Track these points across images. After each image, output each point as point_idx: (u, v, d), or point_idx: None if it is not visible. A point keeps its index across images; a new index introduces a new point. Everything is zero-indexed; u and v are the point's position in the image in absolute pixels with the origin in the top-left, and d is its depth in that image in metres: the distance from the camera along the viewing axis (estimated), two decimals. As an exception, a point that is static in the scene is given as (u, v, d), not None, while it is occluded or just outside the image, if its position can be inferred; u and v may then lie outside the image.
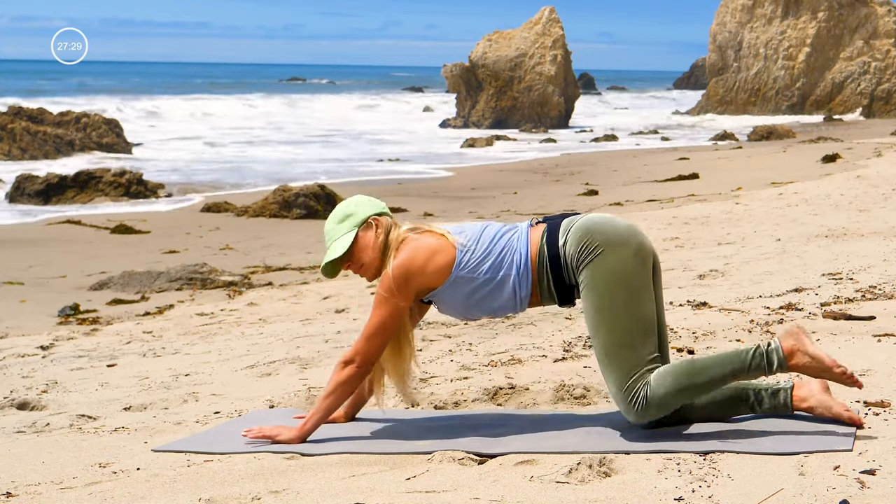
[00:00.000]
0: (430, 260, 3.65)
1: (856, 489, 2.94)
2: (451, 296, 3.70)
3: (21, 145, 27.90)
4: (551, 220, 3.74)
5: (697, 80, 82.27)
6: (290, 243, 13.63)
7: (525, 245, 3.68)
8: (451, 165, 27.12)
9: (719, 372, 3.53)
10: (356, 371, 3.72)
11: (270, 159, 29.28)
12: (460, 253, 3.66)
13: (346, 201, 3.86)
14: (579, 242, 3.60)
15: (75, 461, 3.77)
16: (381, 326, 3.68)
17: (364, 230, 3.75)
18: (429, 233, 3.72)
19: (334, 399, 3.75)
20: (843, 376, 3.47)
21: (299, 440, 3.76)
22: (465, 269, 3.66)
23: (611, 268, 3.56)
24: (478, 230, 3.73)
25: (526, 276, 3.66)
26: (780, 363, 3.50)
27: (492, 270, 3.66)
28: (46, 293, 10.38)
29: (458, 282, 3.67)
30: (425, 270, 3.65)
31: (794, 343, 3.50)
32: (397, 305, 3.66)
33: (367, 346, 3.70)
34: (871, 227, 10.54)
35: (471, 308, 3.72)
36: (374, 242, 3.73)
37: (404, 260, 3.65)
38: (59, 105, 37.96)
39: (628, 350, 3.54)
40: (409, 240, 3.70)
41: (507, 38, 48.26)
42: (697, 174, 20.19)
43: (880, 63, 51.48)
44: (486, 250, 3.67)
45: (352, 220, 3.76)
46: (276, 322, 7.97)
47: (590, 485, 3.17)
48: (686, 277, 8.05)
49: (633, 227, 3.69)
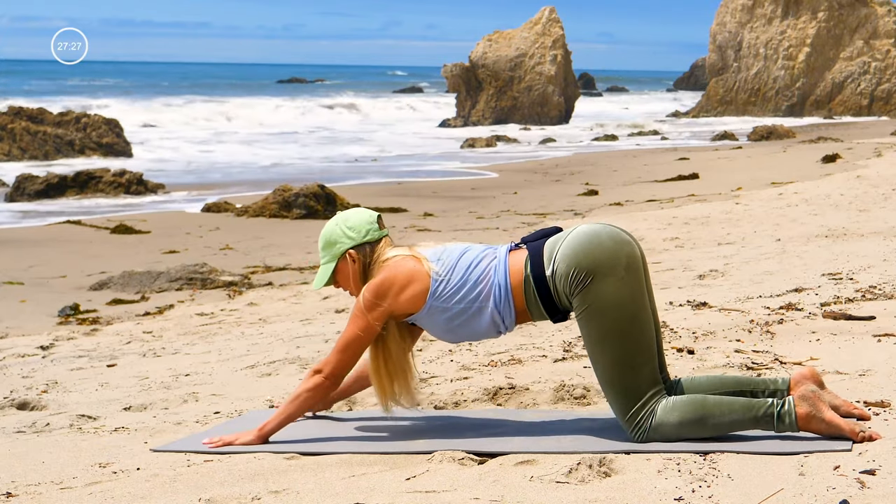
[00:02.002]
0: (405, 288, 3.70)
1: (856, 489, 2.94)
2: (430, 322, 3.76)
3: (21, 145, 27.89)
4: (532, 244, 3.71)
5: (697, 80, 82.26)
6: (290, 243, 13.62)
7: (504, 274, 3.68)
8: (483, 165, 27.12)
9: (727, 419, 3.50)
10: (323, 381, 3.77)
11: (283, 161, 29.28)
12: (434, 283, 3.70)
13: (336, 221, 3.89)
14: (568, 273, 3.57)
15: (75, 461, 3.77)
16: (354, 340, 3.73)
17: (342, 262, 3.83)
18: (411, 258, 3.75)
19: (298, 405, 3.79)
20: (863, 437, 3.40)
21: (259, 441, 3.78)
22: (439, 300, 3.70)
23: (605, 296, 3.54)
24: (455, 257, 3.75)
25: (507, 305, 3.67)
26: (790, 425, 3.47)
27: (466, 301, 3.69)
28: (46, 293, 10.38)
29: (433, 310, 3.72)
30: (399, 298, 3.71)
31: (810, 409, 3.45)
32: (369, 323, 3.72)
33: (337, 357, 3.75)
34: (871, 227, 10.54)
35: (452, 333, 3.77)
36: (352, 272, 3.82)
37: (378, 284, 3.72)
38: (58, 105, 37.95)
39: (630, 375, 3.53)
40: (388, 265, 3.75)
41: (507, 38, 48.28)
42: (697, 174, 20.19)
43: (880, 63, 51.49)
44: (461, 280, 3.69)
45: (333, 250, 3.84)
46: (276, 322, 7.97)
47: (590, 485, 3.17)
48: (686, 277, 8.05)
49: (617, 236, 3.63)
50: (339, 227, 3.86)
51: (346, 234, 3.84)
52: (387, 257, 3.79)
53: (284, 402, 3.84)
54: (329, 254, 3.86)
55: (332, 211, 16.44)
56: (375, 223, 3.85)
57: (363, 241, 3.82)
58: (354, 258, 3.82)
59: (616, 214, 14.51)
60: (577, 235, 3.64)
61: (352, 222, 3.85)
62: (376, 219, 3.87)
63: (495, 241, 12.37)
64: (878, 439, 3.39)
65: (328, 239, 3.87)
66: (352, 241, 3.83)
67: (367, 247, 3.83)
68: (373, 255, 3.81)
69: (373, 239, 3.83)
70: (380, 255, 3.81)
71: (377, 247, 3.83)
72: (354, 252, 3.82)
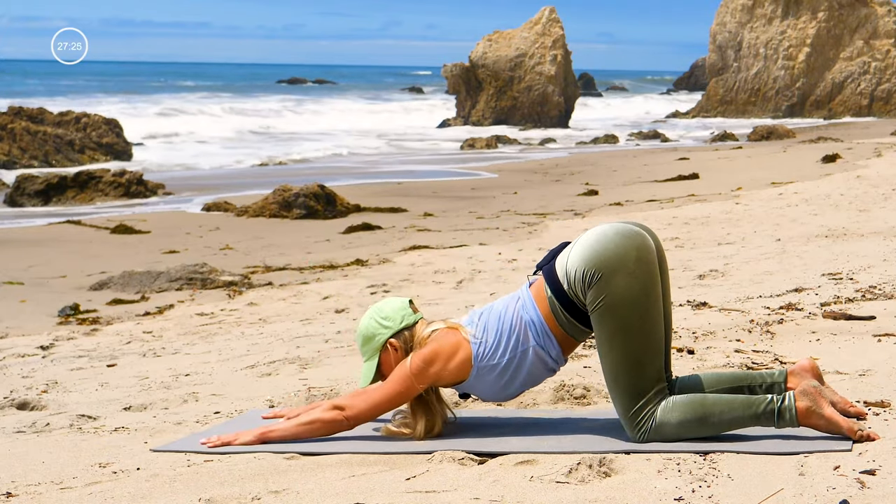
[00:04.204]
0: (452, 356, 3.73)
1: (856, 489, 2.94)
2: (482, 386, 3.77)
3: (21, 145, 27.89)
4: (546, 267, 3.72)
5: (697, 80, 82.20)
6: (290, 243, 13.62)
7: (532, 308, 3.70)
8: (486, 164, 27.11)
9: (727, 417, 3.50)
10: (342, 421, 3.78)
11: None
12: (475, 346, 3.72)
13: (370, 315, 3.88)
14: (580, 276, 3.58)
15: (75, 461, 3.76)
16: (393, 397, 3.74)
17: (385, 353, 3.84)
18: (451, 329, 3.78)
19: (309, 430, 3.79)
20: (861, 435, 3.40)
21: (258, 442, 3.78)
22: (483, 360, 3.71)
23: (616, 292, 3.54)
24: (484, 316, 3.77)
25: (546, 337, 3.68)
26: (791, 421, 3.47)
27: (509, 351, 3.70)
28: (46, 293, 10.38)
29: (481, 372, 3.73)
30: (447, 366, 3.73)
31: (810, 405, 3.45)
32: (414, 385, 3.73)
33: (367, 406, 3.76)
34: (871, 227, 10.54)
35: (506, 388, 3.77)
36: (395, 360, 3.82)
37: (427, 352, 3.73)
38: (57, 105, 37.94)
39: (636, 372, 3.54)
40: (433, 338, 3.78)
41: (507, 38, 48.28)
42: (697, 174, 20.19)
43: (880, 63, 51.49)
44: (498, 333, 3.71)
45: (373, 343, 3.84)
46: (276, 322, 7.97)
47: (590, 485, 3.17)
48: (686, 277, 8.06)
49: (625, 230, 3.63)
50: (373, 321, 3.86)
51: (382, 325, 3.84)
52: (427, 333, 3.80)
53: (296, 421, 3.82)
54: (370, 349, 3.85)
55: (333, 211, 16.45)
56: (408, 308, 3.87)
57: (401, 328, 3.83)
58: (396, 346, 3.82)
59: (616, 214, 14.51)
60: (585, 239, 3.66)
61: (385, 312, 3.86)
62: (408, 303, 3.89)
63: (495, 240, 12.37)
64: (878, 439, 3.39)
65: (366, 335, 3.86)
66: (389, 330, 3.83)
67: (406, 332, 3.83)
68: (412, 338, 3.82)
69: (409, 324, 3.84)
70: (419, 334, 3.81)
71: (414, 329, 3.84)
72: (395, 341, 3.82)
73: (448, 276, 9.73)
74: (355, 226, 14.79)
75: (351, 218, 15.87)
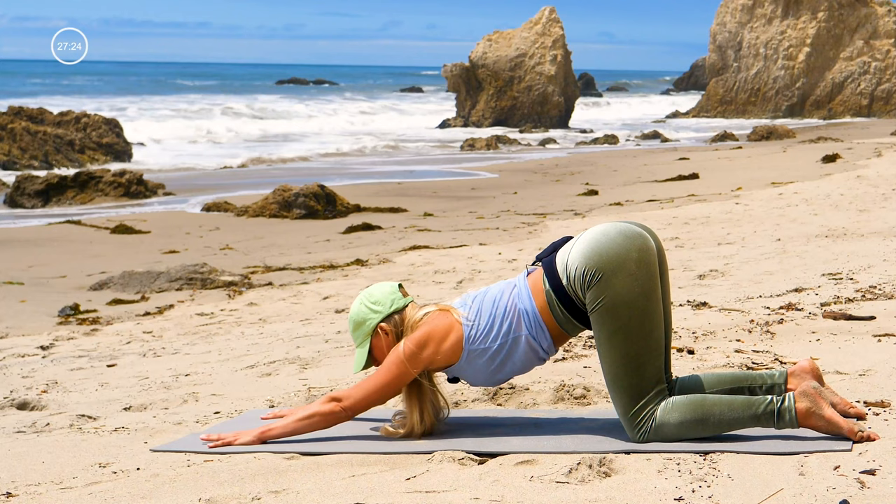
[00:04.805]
0: (444, 338, 3.72)
1: (856, 489, 2.94)
2: (472, 369, 3.76)
3: (21, 145, 27.89)
4: (546, 259, 3.72)
5: (697, 80, 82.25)
6: (290, 243, 13.63)
7: (528, 298, 3.69)
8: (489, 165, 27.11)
9: (727, 418, 3.50)
10: (340, 412, 3.77)
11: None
12: (467, 328, 3.72)
13: (359, 301, 3.89)
14: (581, 274, 3.57)
15: (75, 461, 3.76)
16: (388, 384, 3.74)
17: (376, 338, 3.84)
18: (443, 311, 3.77)
19: (307, 424, 3.79)
20: (861, 436, 3.40)
21: (258, 442, 3.78)
22: (474, 343, 3.71)
23: (616, 292, 3.53)
24: (479, 299, 3.77)
25: (539, 328, 3.68)
26: (791, 422, 3.47)
27: (501, 336, 3.70)
28: (46, 293, 10.38)
29: (472, 356, 3.73)
30: (440, 348, 3.72)
31: (810, 406, 3.45)
32: (407, 370, 3.72)
33: (363, 395, 3.75)
34: (871, 227, 10.55)
35: (495, 373, 3.77)
36: (387, 345, 3.82)
37: (419, 336, 3.73)
38: (57, 105, 37.94)
39: (635, 373, 3.53)
40: (425, 321, 3.77)
41: (507, 38, 48.28)
42: (697, 174, 20.19)
43: (880, 63, 51.48)
44: (490, 317, 3.71)
45: (364, 328, 3.84)
46: (276, 322, 7.97)
47: (590, 485, 3.17)
48: (686, 277, 8.06)
49: (627, 230, 3.62)
50: (363, 306, 3.86)
51: (371, 310, 3.84)
52: (419, 317, 3.79)
53: (294, 416, 3.81)
54: (361, 334, 3.86)
55: (333, 211, 16.45)
56: (398, 292, 3.87)
57: (391, 312, 3.83)
58: (387, 330, 3.82)
59: (616, 214, 14.51)
60: (587, 236, 3.65)
61: (375, 297, 3.86)
62: (398, 287, 3.88)
63: (495, 240, 12.37)
64: (878, 439, 3.39)
65: (356, 320, 3.87)
66: (379, 314, 3.83)
67: (396, 316, 3.83)
68: (403, 322, 3.82)
69: (399, 307, 3.84)
70: (410, 318, 3.81)
71: (405, 313, 3.84)
72: (385, 325, 3.82)
73: (448, 276, 9.73)
74: (355, 226, 14.80)
75: (351, 218, 15.88)
